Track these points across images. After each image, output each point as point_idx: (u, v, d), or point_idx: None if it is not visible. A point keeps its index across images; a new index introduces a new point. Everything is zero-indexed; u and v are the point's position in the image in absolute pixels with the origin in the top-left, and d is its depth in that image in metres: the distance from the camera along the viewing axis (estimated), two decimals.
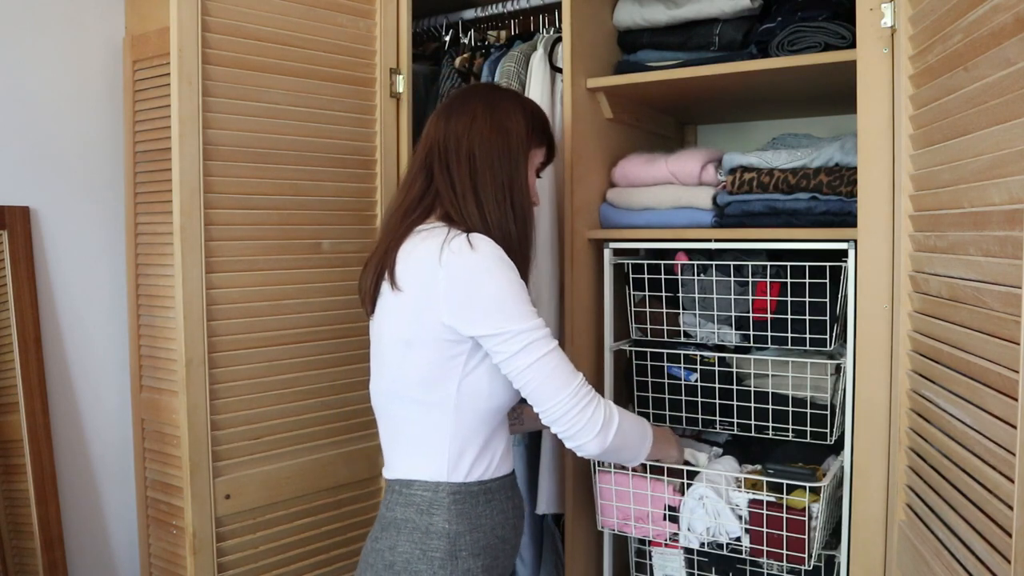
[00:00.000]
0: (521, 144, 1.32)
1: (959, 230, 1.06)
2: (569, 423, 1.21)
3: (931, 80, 1.15)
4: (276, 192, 1.69)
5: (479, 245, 1.21)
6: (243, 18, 1.63)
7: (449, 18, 2.20)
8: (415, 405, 1.27)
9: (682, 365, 1.69)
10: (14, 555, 1.96)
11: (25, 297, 1.94)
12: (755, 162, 1.62)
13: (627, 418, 1.29)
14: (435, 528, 1.25)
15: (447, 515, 1.25)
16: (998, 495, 0.94)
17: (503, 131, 1.31)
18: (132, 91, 2.06)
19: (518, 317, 1.20)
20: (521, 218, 1.31)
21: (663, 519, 1.61)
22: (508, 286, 1.21)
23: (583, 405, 1.21)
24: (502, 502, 1.32)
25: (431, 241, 1.23)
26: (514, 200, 1.30)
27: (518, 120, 1.32)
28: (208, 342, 1.60)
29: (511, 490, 1.35)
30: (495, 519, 1.30)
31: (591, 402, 1.23)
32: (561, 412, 1.21)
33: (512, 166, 1.30)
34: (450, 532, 1.25)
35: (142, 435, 2.09)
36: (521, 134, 1.32)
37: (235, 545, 1.67)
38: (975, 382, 1.00)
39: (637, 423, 1.33)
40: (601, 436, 1.23)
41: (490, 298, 1.20)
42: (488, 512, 1.29)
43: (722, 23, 1.71)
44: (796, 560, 1.49)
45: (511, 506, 1.34)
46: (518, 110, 1.34)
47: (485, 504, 1.29)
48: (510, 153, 1.31)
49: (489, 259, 1.21)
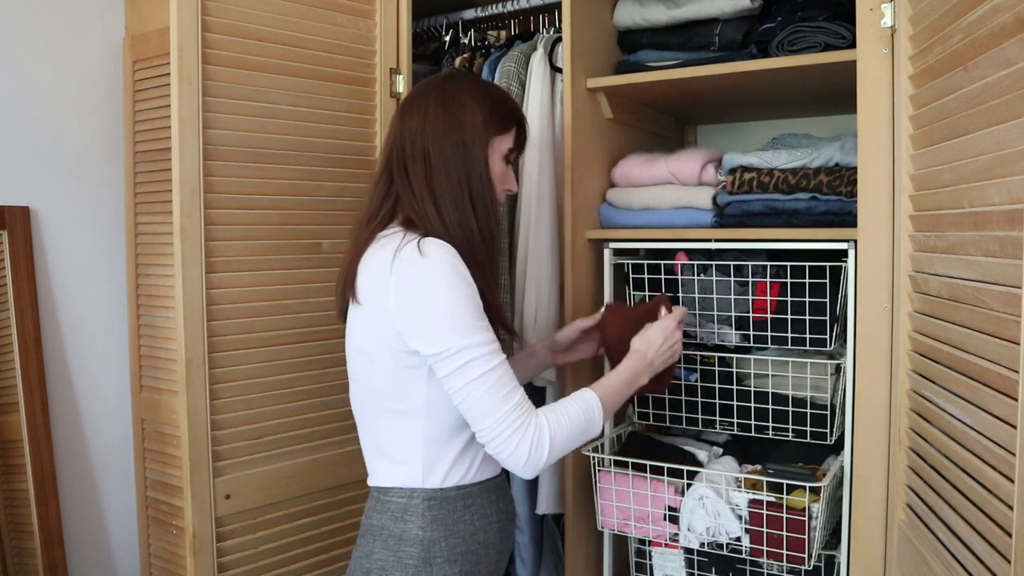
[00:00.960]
0: (478, 135, 1.26)
1: (959, 230, 1.06)
2: (497, 449, 1.16)
3: (931, 80, 1.15)
4: (276, 192, 1.69)
5: (428, 252, 1.16)
6: (243, 18, 1.63)
7: (449, 18, 2.20)
8: (386, 414, 1.25)
9: (682, 365, 1.69)
10: (14, 555, 1.96)
11: (25, 297, 1.94)
12: (755, 162, 1.62)
13: (563, 427, 1.19)
14: (408, 535, 1.22)
15: (421, 521, 1.22)
16: (998, 495, 0.94)
17: (456, 124, 1.25)
18: (132, 91, 2.06)
19: (457, 334, 1.14)
20: (483, 215, 1.25)
21: (663, 519, 1.61)
22: (452, 299, 1.15)
23: (509, 433, 1.14)
24: (484, 506, 1.28)
25: (387, 249, 1.20)
26: (474, 196, 1.25)
27: (473, 109, 1.26)
28: (208, 342, 1.60)
29: (495, 493, 1.31)
30: (475, 524, 1.26)
31: (518, 430, 1.15)
32: (489, 437, 1.15)
33: (469, 160, 1.25)
34: (423, 539, 1.22)
35: (142, 435, 2.09)
36: (478, 124, 1.26)
37: (235, 545, 1.67)
38: (975, 382, 1.00)
39: (576, 420, 1.21)
40: (529, 465, 1.16)
41: (432, 312, 1.15)
42: (467, 517, 1.25)
43: (722, 23, 1.71)
44: (796, 560, 1.49)
45: (495, 510, 1.30)
46: (474, 98, 1.27)
47: (464, 509, 1.25)
48: (465, 147, 1.25)
49: (436, 268, 1.16)
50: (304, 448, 1.77)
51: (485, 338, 1.16)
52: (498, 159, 1.30)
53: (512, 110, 1.33)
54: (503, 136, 1.30)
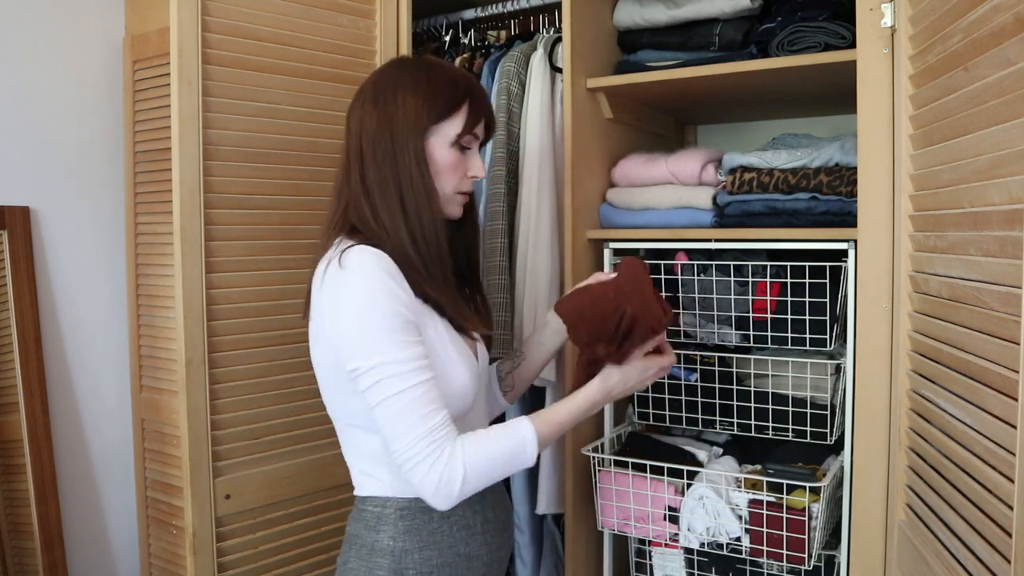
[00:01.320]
0: (410, 129, 1.17)
1: (959, 230, 1.06)
2: (408, 474, 1.09)
3: (931, 80, 1.15)
4: (276, 192, 1.69)
5: (348, 263, 1.11)
6: (243, 18, 1.63)
7: (449, 18, 2.20)
8: (348, 427, 1.23)
9: (682, 365, 1.69)
10: (14, 555, 1.96)
11: (25, 297, 1.94)
12: (755, 162, 1.62)
13: (482, 460, 1.10)
14: (380, 545, 1.18)
15: (393, 531, 1.18)
16: (998, 495, 0.94)
17: (386, 120, 1.18)
18: (132, 91, 2.06)
19: (372, 350, 1.09)
20: (415, 219, 1.17)
21: (663, 519, 1.61)
22: (370, 312, 1.09)
23: (419, 459, 1.08)
24: (465, 517, 1.22)
25: (324, 259, 1.17)
26: (404, 199, 1.17)
27: (405, 102, 1.18)
28: (208, 342, 1.60)
29: (480, 503, 1.24)
30: (455, 535, 1.21)
31: (428, 456, 1.08)
32: (401, 460, 1.09)
33: (398, 159, 1.17)
34: (395, 549, 1.18)
35: (142, 435, 2.09)
36: (410, 116, 1.17)
37: (235, 545, 1.67)
38: (975, 382, 1.00)
39: (499, 456, 1.12)
40: (438, 497, 1.09)
41: (349, 327, 1.10)
42: (445, 528, 1.20)
43: (722, 23, 1.71)
44: (796, 560, 1.49)
45: (480, 520, 1.24)
46: (405, 89, 1.18)
47: (441, 520, 1.20)
48: (394, 144, 1.17)
49: (354, 280, 1.10)
50: (304, 448, 1.77)
51: (406, 355, 1.09)
52: (444, 149, 1.20)
53: (457, 91, 1.21)
54: (447, 122, 1.20)
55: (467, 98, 1.21)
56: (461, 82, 1.22)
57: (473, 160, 1.25)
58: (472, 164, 1.25)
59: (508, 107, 1.90)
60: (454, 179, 1.22)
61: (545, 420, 1.18)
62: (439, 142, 1.20)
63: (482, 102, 1.24)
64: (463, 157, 1.23)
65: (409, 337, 1.11)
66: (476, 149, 1.26)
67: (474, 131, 1.23)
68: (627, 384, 1.26)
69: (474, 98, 1.22)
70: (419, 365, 1.10)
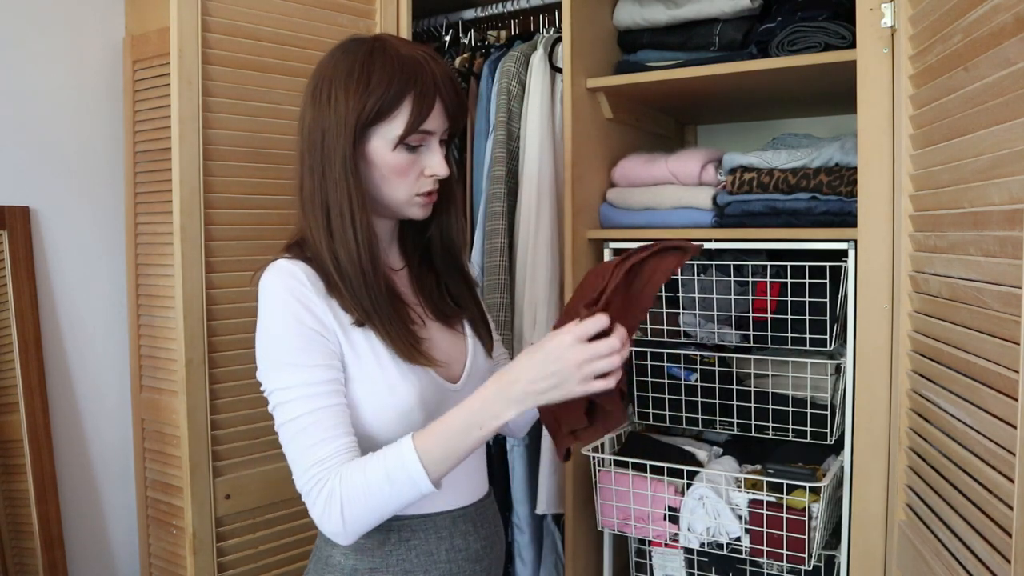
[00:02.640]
0: (339, 134, 1.03)
1: (959, 230, 1.06)
2: (309, 509, 1.01)
3: (931, 80, 1.15)
4: (276, 192, 1.69)
5: (264, 277, 1.04)
6: (243, 18, 1.63)
7: (449, 18, 2.20)
8: None
9: (682, 365, 1.69)
10: (14, 555, 1.96)
11: (25, 297, 1.93)
12: (755, 162, 1.63)
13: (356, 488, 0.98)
14: (333, 561, 1.11)
15: (345, 548, 1.10)
16: (998, 495, 0.94)
17: (317, 122, 1.05)
18: (132, 91, 2.06)
19: (269, 373, 1.03)
20: (341, 239, 1.04)
21: (663, 519, 1.61)
22: (269, 335, 1.02)
23: (306, 492, 1.00)
24: (427, 542, 1.10)
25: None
26: (330, 216, 1.05)
27: (337, 99, 1.04)
28: (208, 342, 1.60)
29: (449, 528, 1.12)
30: (412, 560, 1.09)
31: (313, 489, 0.99)
32: (301, 494, 1.02)
33: (326, 171, 1.05)
34: (345, 567, 1.10)
35: (142, 435, 2.09)
36: (340, 120, 1.03)
37: (235, 545, 1.67)
38: (975, 382, 1.00)
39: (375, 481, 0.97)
40: (334, 535, 1.00)
41: (258, 343, 1.04)
42: (401, 552, 1.09)
43: (722, 23, 1.71)
44: (796, 560, 1.49)
45: (445, 547, 1.11)
46: (342, 83, 1.04)
47: (399, 543, 1.09)
48: (323, 152, 1.05)
49: (263, 297, 1.04)
50: None
51: (304, 378, 1.00)
52: (388, 152, 1.06)
53: (395, 86, 1.03)
54: (386, 123, 1.04)
55: (410, 92, 1.04)
56: (401, 74, 1.03)
57: (430, 158, 1.08)
58: (429, 162, 1.08)
59: (508, 107, 1.90)
60: (406, 183, 1.07)
61: (428, 430, 0.99)
62: (381, 145, 1.05)
63: (430, 93, 1.04)
64: (415, 157, 1.07)
65: (313, 360, 1.01)
66: (435, 145, 1.08)
67: (422, 128, 1.05)
68: (525, 366, 0.95)
69: (420, 92, 1.04)
70: (319, 391, 1.01)
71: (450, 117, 1.08)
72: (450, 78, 1.08)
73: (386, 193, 1.08)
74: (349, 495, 0.97)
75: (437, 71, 1.06)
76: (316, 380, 1.01)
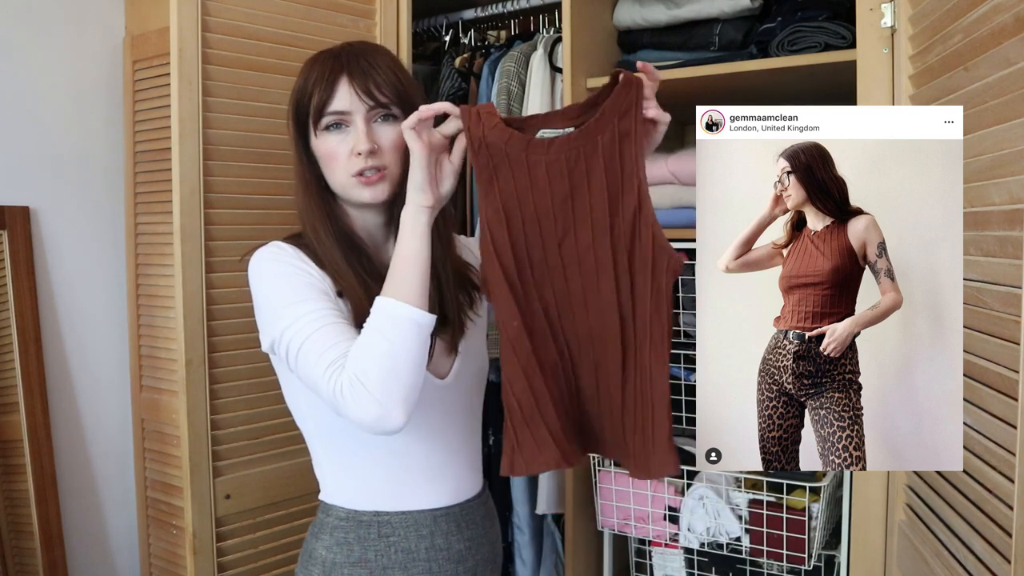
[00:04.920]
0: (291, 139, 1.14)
1: None
2: (345, 413, 0.97)
3: (931, 80, 1.15)
4: (276, 192, 1.69)
5: (252, 256, 1.11)
6: (243, 18, 1.63)
7: (449, 18, 2.20)
8: (304, 431, 1.20)
9: (682, 365, 1.69)
10: (14, 555, 1.96)
11: (25, 297, 1.93)
12: None
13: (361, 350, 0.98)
14: (315, 553, 1.15)
15: (328, 541, 1.13)
16: (998, 495, 0.94)
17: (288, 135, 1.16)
18: (132, 91, 2.06)
19: (272, 322, 1.05)
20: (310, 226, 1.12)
21: (663, 519, 1.61)
22: (271, 283, 1.07)
23: (337, 391, 0.97)
24: (407, 540, 1.12)
25: None
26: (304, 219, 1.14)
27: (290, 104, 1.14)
28: (208, 342, 1.60)
29: (430, 527, 1.13)
30: (391, 557, 1.11)
31: (338, 383, 0.97)
32: (333, 405, 0.98)
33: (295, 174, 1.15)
34: (325, 560, 1.13)
35: (142, 435, 2.09)
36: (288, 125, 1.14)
37: (235, 545, 1.67)
38: (975, 382, 1.00)
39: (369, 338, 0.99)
40: (370, 416, 0.96)
41: (256, 306, 1.09)
42: (381, 547, 1.11)
43: (722, 23, 1.71)
44: (796, 560, 1.49)
45: (425, 546, 1.12)
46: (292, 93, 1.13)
47: (379, 538, 1.12)
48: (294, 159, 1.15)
49: (255, 265, 1.09)
50: (304, 448, 1.73)
51: (303, 309, 1.02)
52: (316, 142, 1.11)
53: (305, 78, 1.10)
54: (309, 118, 1.11)
55: (313, 78, 1.09)
56: (311, 66, 1.10)
57: (354, 136, 1.07)
58: (356, 142, 1.07)
59: (508, 107, 1.90)
60: (339, 167, 1.09)
61: (385, 281, 1.02)
62: (313, 137, 1.11)
63: (332, 76, 1.07)
64: (342, 138, 1.08)
65: (310, 296, 1.04)
66: (360, 123, 1.07)
67: (333, 110, 1.07)
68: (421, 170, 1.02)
69: (320, 75, 1.08)
70: (321, 315, 1.02)
71: (364, 93, 1.07)
72: (366, 58, 1.09)
73: (331, 181, 1.12)
74: (361, 369, 0.96)
75: (345, 54, 1.09)
76: (316, 308, 1.03)
